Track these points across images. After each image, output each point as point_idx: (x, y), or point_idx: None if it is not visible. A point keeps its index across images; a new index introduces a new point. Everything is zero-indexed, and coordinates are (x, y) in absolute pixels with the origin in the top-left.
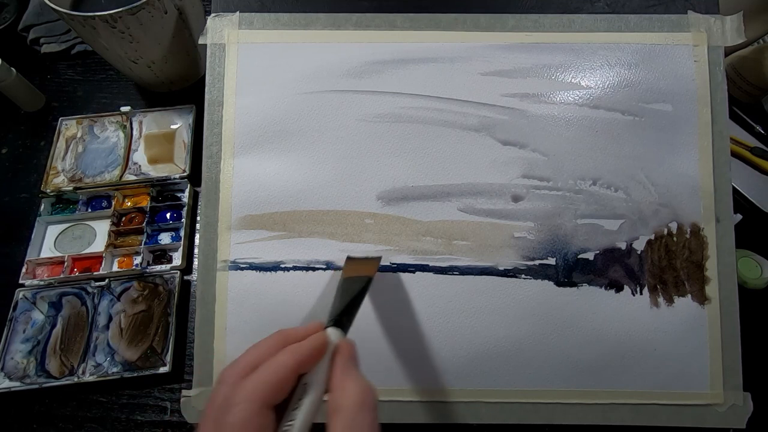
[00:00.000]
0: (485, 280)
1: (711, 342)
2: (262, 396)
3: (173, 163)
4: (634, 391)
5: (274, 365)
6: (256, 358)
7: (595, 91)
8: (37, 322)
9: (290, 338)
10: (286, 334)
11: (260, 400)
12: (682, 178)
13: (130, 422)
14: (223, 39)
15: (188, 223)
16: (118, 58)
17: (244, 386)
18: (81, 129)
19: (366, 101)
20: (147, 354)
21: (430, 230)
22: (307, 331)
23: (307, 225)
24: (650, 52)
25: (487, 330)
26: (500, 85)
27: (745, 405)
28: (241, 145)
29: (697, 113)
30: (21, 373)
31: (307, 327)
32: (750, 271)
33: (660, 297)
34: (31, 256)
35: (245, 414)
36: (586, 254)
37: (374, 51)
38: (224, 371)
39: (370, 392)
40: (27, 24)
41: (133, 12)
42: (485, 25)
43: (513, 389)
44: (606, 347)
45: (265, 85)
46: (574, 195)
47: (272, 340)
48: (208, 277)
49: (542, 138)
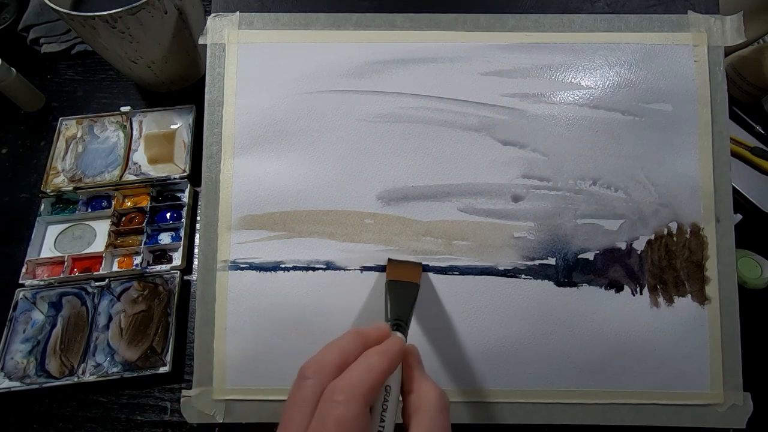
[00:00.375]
0: (485, 280)
1: (711, 342)
2: (364, 396)
3: (173, 163)
4: (634, 391)
5: (369, 367)
6: (341, 357)
7: (595, 91)
8: (37, 322)
9: (368, 340)
10: (364, 335)
11: (363, 401)
12: (682, 178)
13: (130, 422)
14: (223, 39)
15: (188, 223)
16: (118, 58)
17: (343, 384)
18: (81, 129)
19: (366, 101)
20: (147, 354)
21: (430, 230)
22: (380, 332)
23: (307, 225)
24: (650, 52)
25: (487, 330)
26: (500, 85)
27: (745, 405)
28: (241, 145)
29: (697, 113)
30: (21, 373)
31: (378, 329)
32: (750, 271)
33: (660, 297)
34: (31, 256)
35: (351, 412)
36: (586, 254)
37: (374, 51)
38: (307, 366)
39: (445, 395)
40: (27, 24)
41: (133, 12)
42: (485, 25)
43: (513, 389)
44: (606, 347)
45: (265, 85)
46: (574, 195)
47: (351, 340)
48: (208, 277)
49: (542, 138)
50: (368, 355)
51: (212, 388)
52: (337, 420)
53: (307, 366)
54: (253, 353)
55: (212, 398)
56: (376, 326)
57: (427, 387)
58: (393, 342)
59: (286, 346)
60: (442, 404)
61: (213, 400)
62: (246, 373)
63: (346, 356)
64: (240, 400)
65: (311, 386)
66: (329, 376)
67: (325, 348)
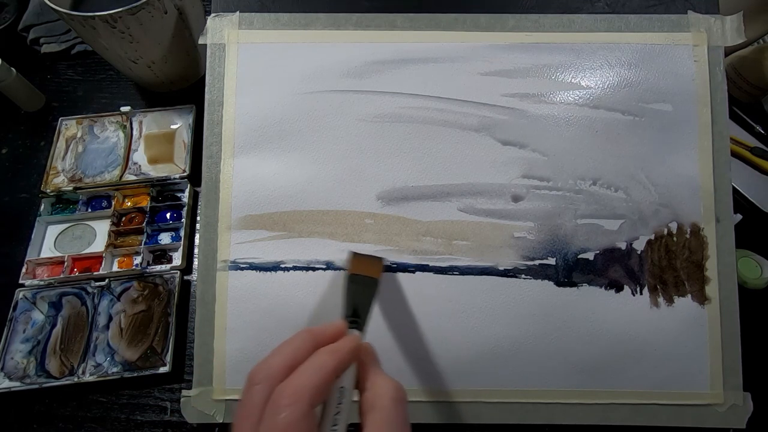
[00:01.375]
0: (485, 280)
1: (711, 342)
2: (309, 398)
3: (173, 163)
4: (634, 391)
5: (317, 367)
6: (290, 358)
7: (595, 91)
8: (37, 322)
9: (320, 338)
10: (315, 334)
11: (308, 402)
12: (682, 178)
13: (130, 422)
14: (223, 39)
15: (188, 223)
16: (118, 58)
17: (289, 387)
18: (81, 129)
19: (366, 101)
20: (147, 354)
21: (430, 230)
22: (334, 330)
23: (307, 225)
24: (650, 52)
25: (487, 330)
26: (500, 85)
27: (745, 405)
28: (241, 145)
29: (697, 113)
30: (21, 373)
31: (333, 326)
32: (750, 271)
33: (660, 297)
34: (31, 256)
35: (295, 416)
36: (586, 254)
37: (374, 51)
38: (255, 371)
39: (401, 389)
40: (27, 24)
41: (133, 12)
42: (485, 25)
43: (513, 389)
44: (606, 347)
45: (265, 85)
46: (574, 195)
47: (301, 340)
48: (208, 277)
49: (542, 138)
50: (318, 355)
51: (212, 388)
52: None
53: (256, 371)
54: (253, 353)
55: (212, 398)
56: (330, 324)
57: (381, 382)
58: (345, 340)
59: None
60: (397, 397)
61: (213, 400)
62: (246, 373)
63: (296, 357)
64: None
65: (259, 392)
66: (277, 380)
67: (274, 351)
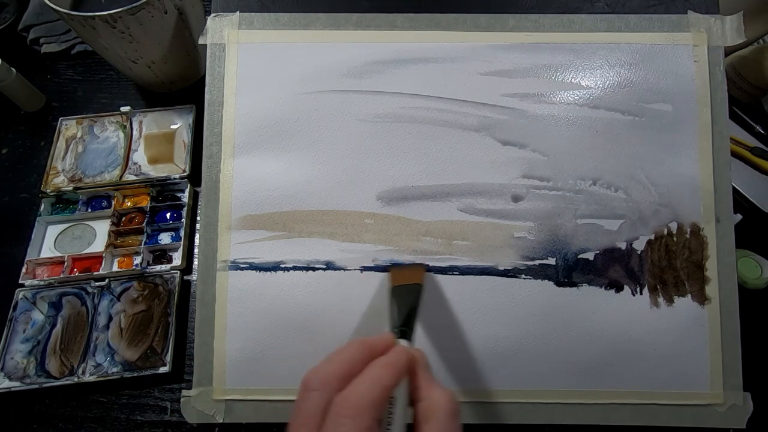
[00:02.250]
0: (485, 280)
1: (711, 342)
2: (372, 412)
3: (173, 163)
4: (634, 391)
5: (375, 380)
6: (347, 368)
7: (595, 91)
8: (37, 322)
9: (373, 350)
10: (369, 346)
11: (371, 416)
12: (682, 178)
13: (130, 422)
14: (223, 39)
15: (188, 223)
16: (118, 58)
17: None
18: (81, 129)
19: (366, 101)
20: (147, 354)
21: (430, 230)
22: (385, 342)
23: (307, 225)
24: (650, 52)
25: (487, 330)
26: (500, 85)
27: (745, 405)
28: (241, 145)
29: (697, 113)
30: (21, 373)
31: (383, 338)
32: (750, 271)
33: (660, 297)
34: (31, 256)
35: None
36: (586, 254)
37: (374, 51)
38: (311, 377)
39: (455, 400)
40: (27, 24)
41: (133, 12)
42: (485, 25)
43: (513, 389)
44: (606, 347)
45: (265, 85)
46: (574, 195)
47: (356, 351)
48: (208, 277)
49: (542, 138)
50: (374, 367)
51: (212, 388)
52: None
53: (311, 377)
54: (253, 353)
55: (212, 398)
56: (380, 336)
57: (436, 394)
58: (399, 352)
59: (286, 346)
60: (452, 409)
61: (213, 400)
62: (246, 373)
63: (351, 367)
64: (240, 400)
65: (316, 399)
66: (334, 388)
67: (329, 358)
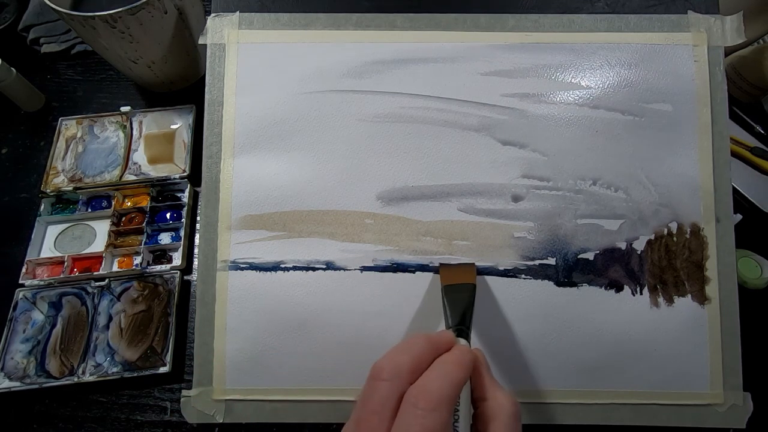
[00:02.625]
0: (485, 280)
1: (711, 342)
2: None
3: (173, 163)
4: (634, 391)
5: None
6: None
7: (595, 91)
8: (37, 322)
9: (439, 347)
10: (435, 342)
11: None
12: (682, 178)
13: (130, 422)
14: (223, 39)
15: (188, 223)
16: (118, 58)
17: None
18: (81, 129)
19: (366, 101)
20: (147, 354)
21: (430, 230)
22: (447, 340)
23: (307, 225)
24: (650, 52)
25: (487, 330)
26: (500, 85)
27: (745, 405)
28: (241, 145)
29: (697, 113)
30: (21, 373)
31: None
32: (750, 271)
33: (660, 297)
34: (31, 256)
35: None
36: (586, 254)
37: (374, 51)
38: (381, 366)
39: (517, 403)
40: (27, 24)
41: (133, 12)
42: (485, 25)
43: (512, 389)
44: (606, 347)
45: (265, 85)
46: (574, 195)
47: (424, 345)
48: (208, 277)
49: (542, 138)
50: (443, 363)
51: (212, 388)
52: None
53: (381, 366)
54: (252, 353)
55: (212, 398)
56: (442, 333)
57: (501, 395)
58: (464, 351)
59: (286, 346)
60: (516, 412)
61: (213, 400)
62: (246, 373)
63: (421, 361)
64: (240, 400)
65: (388, 389)
66: (405, 380)
67: (396, 349)
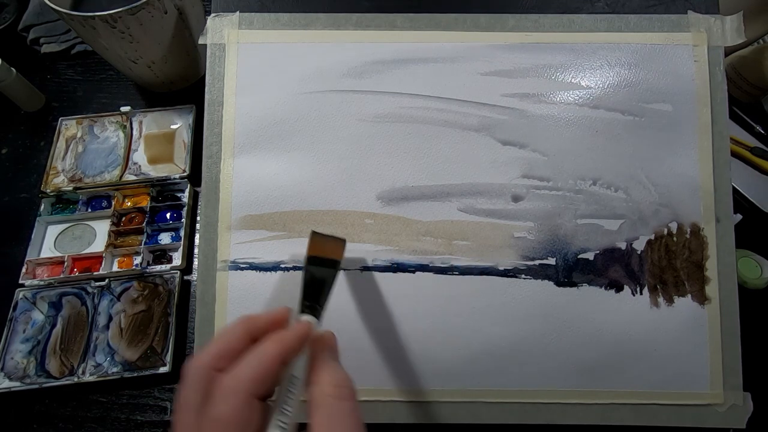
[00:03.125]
0: (485, 280)
1: (711, 342)
2: (248, 388)
3: (173, 163)
4: (634, 391)
5: (259, 355)
6: (225, 348)
7: (595, 91)
8: (37, 322)
9: (257, 326)
10: (252, 322)
11: (247, 392)
12: (682, 178)
13: (130, 422)
14: (223, 39)
15: (188, 223)
16: (118, 58)
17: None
18: (81, 129)
19: (366, 101)
20: (147, 354)
21: (430, 230)
22: (273, 317)
23: (308, 225)
24: (650, 52)
25: (487, 330)
26: (500, 85)
27: (745, 405)
28: (241, 145)
29: (697, 113)
30: (21, 373)
31: (273, 313)
32: (750, 271)
33: (660, 297)
34: (31, 256)
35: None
36: (586, 254)
37: (374, 51)
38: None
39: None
40: (27, 24)
41: (133, 12)
42: (485, 25)
43: (513, 389)
44: (606, 347)
45: (265, 85)
46: (574, 195)
47: (238, 328)
48: (208, 277)
49: (542, 138)
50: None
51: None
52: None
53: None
54: None
55: None
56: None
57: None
58: (295, 327)
59: None
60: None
61: None
62: None
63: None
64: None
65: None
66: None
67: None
